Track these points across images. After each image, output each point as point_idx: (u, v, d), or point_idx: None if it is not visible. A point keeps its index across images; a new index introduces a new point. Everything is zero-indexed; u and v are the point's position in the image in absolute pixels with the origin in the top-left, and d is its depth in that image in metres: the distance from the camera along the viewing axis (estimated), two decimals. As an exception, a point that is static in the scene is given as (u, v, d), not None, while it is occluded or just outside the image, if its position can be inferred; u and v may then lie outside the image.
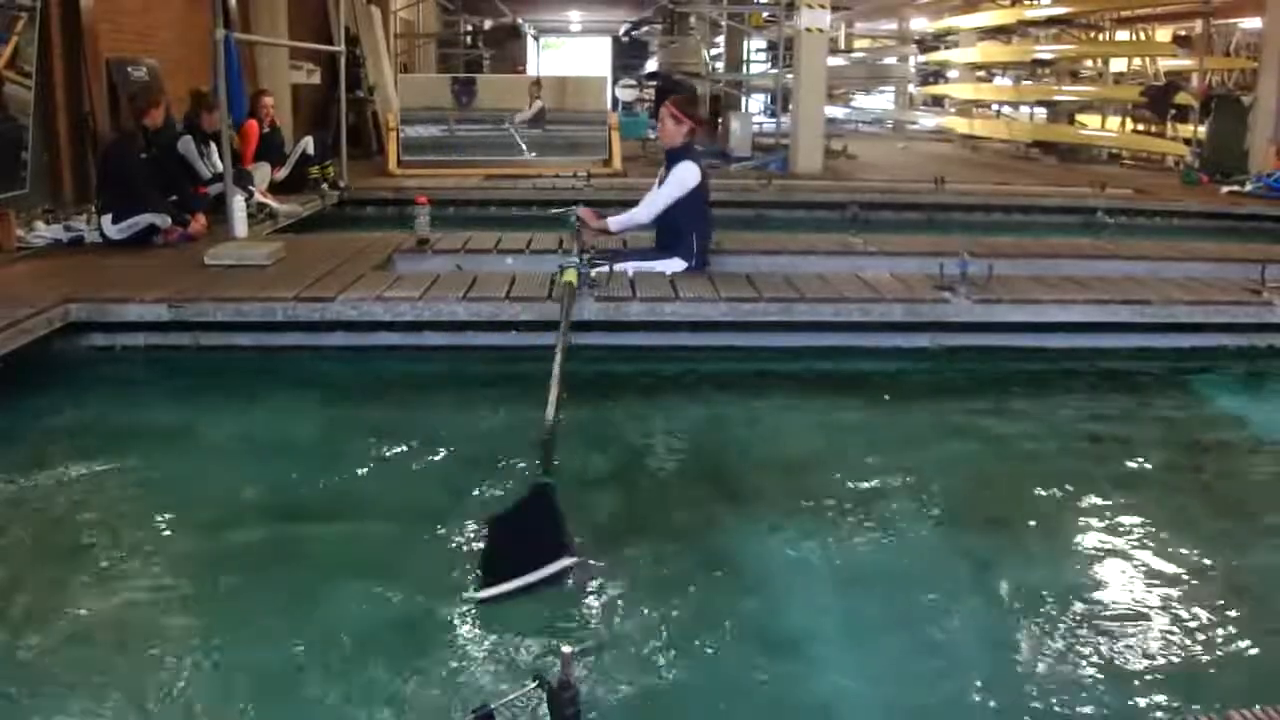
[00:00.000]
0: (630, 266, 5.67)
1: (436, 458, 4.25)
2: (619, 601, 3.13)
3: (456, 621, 3.00)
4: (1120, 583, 3.30)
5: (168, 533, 3.57)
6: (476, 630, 2.95)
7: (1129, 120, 15.86)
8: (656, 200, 5.89)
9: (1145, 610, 3.13)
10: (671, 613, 3.06)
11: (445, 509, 3.75)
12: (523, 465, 4.18)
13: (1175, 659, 2.88)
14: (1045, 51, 17.16)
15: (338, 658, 2.81)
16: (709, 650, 2.87)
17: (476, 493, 3.88)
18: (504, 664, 2.78)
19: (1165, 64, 16.97)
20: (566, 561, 3.16)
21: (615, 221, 5.96)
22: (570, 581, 3.14)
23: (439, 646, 2.87)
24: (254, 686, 2.68)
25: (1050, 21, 16.70)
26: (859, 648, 2.95)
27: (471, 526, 3.60)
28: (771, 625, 3.03)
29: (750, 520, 3.71)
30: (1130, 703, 2.68)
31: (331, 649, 2.84)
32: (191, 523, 3.63)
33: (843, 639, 2.99)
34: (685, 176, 5.79)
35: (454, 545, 3.48)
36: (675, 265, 5.83)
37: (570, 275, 5.10)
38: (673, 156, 5.88)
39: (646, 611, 3.06)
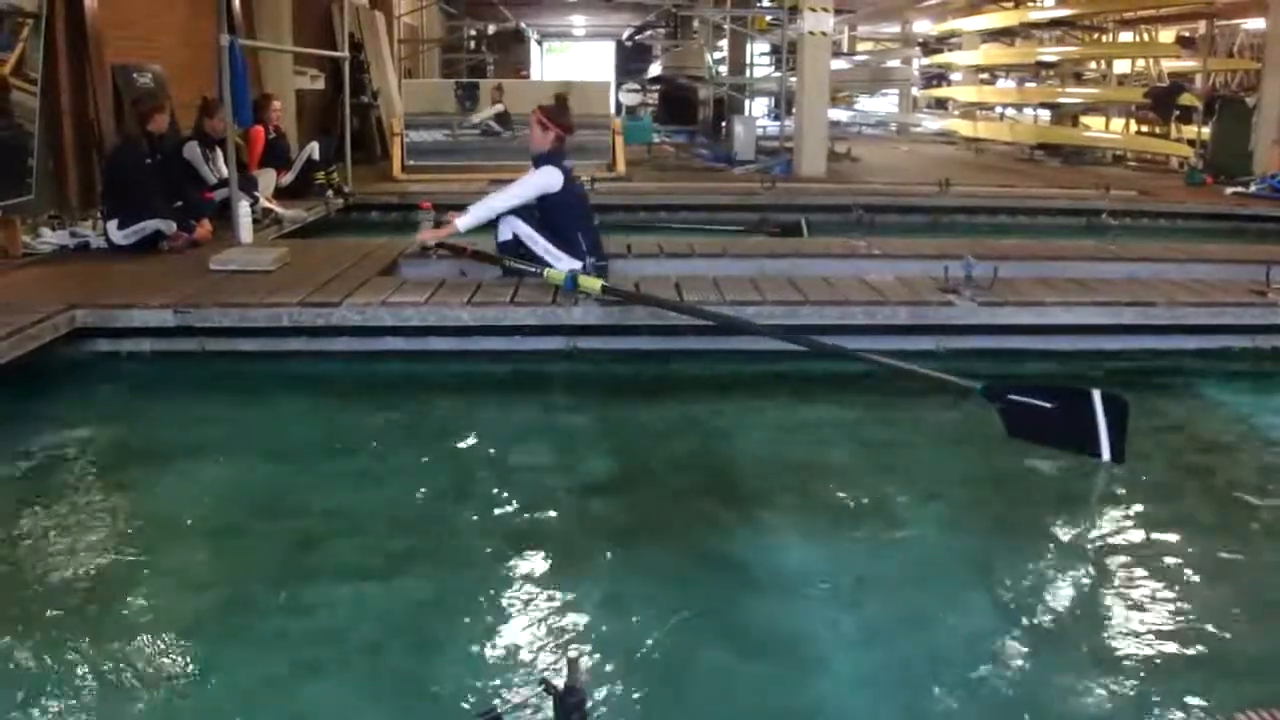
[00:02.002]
0: (522, 230, 5.71)
1: (441, 461, 4.26)
2: (623, 605, 3.13)
3: (463, 626, 3.00)
4: (1124, 584, 3.30)
5: (173, 536, 3.58)
6: (484, 634, 2.96)
7: (1133, 122, 15.83)
8: (517, 189, 5.86)
9: (1149, 612, 3.13)
10: (676, 616, 3.06)
11: (450, 512, 3.76)
12: (530, 466, 4.20)
13: (1179, 661, 2.88)
14: (1049, 53, 17.14)
15: (343, 661, 2.81)
16: (714, 654, 2.86)
17: (482, 496, 3.89)
18: (511, 668, 2.78)
19: (1169, 65, 16.94)
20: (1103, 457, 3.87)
21: (463, 221, 5.89)
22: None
23: (446, 651, 2.87)
24: (260, 688, 2.68)
25: (1053, 23, 16.69)
26: (862, 651, 2.94)
27: (475, 529, 3.61)
28: (775, 628, 3.02)
29: (755, 523, 3.71)
30: (1133, 704, 2.68)
31: (337, 652, 2.85)
32: (197, 526, 3.64)
33: (846, 642, 2.99)
34: (548, 179, 5.76)
35: (458, 548, 3.48)
36: (573, 265, 5.70)
37: (590, 282, 5.09)
38: (538, 162, 5.86)
39: (651, 615, 3.06)
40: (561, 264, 5.65)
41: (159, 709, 2.61)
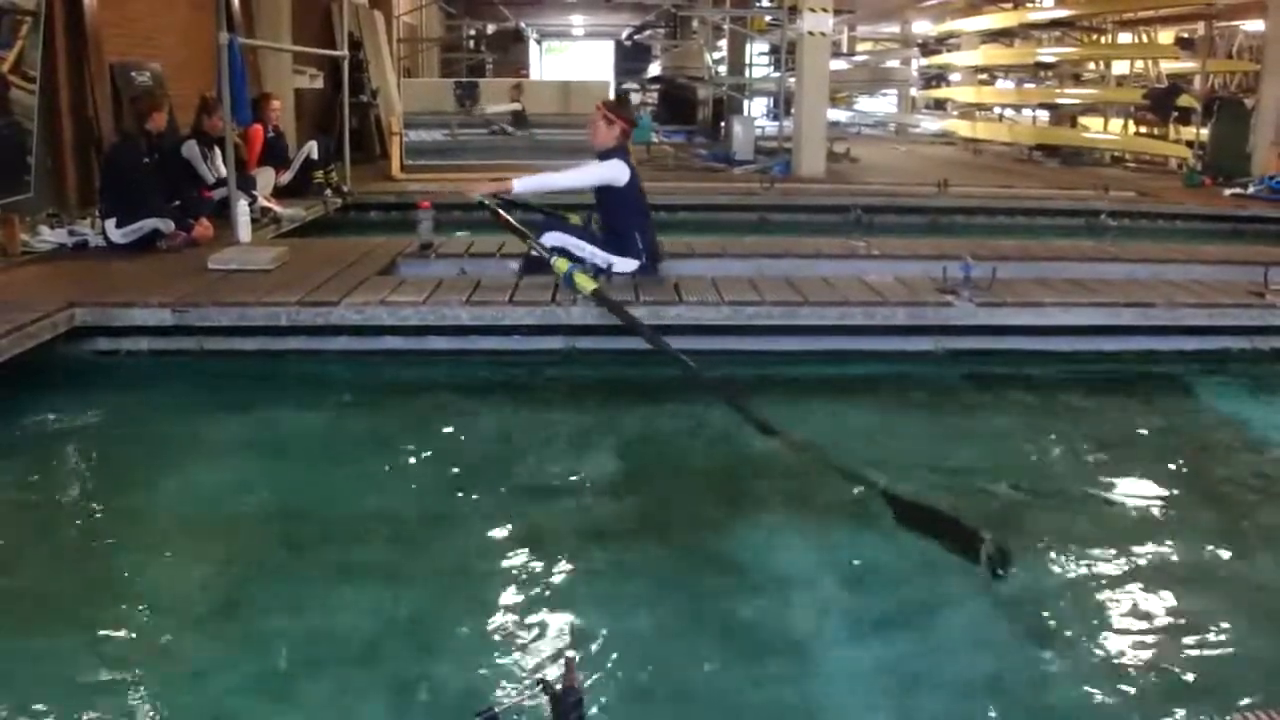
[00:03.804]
0: (569, 241, 5.62)
1: (440, 461, 4.26)
2: (622, 605, 3.13)
3: (461, 626, 3.00)
4: (1123, 585, 3.30)
5: (172, 536, 3.58)
6: (481, 635, 2.96)
7: (1131, 123, 15.83)
8: (583, 173, 5.82)
9: (1148, 613, 3.13)
10: (675, 617, 3.06)
11: (448, 513, 3.76)
12: (528, 466, 4.20)
13: (1178, 662, 2.88)
14: (1048, 54, 17.13)
15: (341, 661, 2.81)
16: (713, 655, 2.87)
17: (480, 496, 3.89)
18: (508, 669, 2.78)
19: (1167, 66, 16.94)
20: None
21: (520, 184, 5.73)
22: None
23: (443, 651, 2.87)
24: (258, 689, 2.68)
25: (1052, 24, 16.69)
26: (861, 652, 2.95)
27: (474, 530, 3.61)
28: (774, 629, 3.03)
29: (753, 524, 3.71)
30: (1133, 705, 2.68)
31: (335, 652, 2.85)
32: (194, 525, 3.64)
33: (845, 643, 2.99)
34: (615, 172, 5.70)
35: (457, 548, 3.48)
36: (627, 265, 5.71)
37: (585, 282, 5.07)
38: (604, 156, 5.81)
39: (650, 616, 3.06)
40: (610, 260, 5.64)
41: (157, 709, 2.61)
